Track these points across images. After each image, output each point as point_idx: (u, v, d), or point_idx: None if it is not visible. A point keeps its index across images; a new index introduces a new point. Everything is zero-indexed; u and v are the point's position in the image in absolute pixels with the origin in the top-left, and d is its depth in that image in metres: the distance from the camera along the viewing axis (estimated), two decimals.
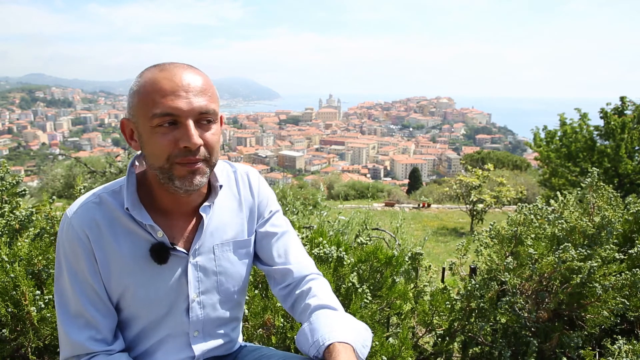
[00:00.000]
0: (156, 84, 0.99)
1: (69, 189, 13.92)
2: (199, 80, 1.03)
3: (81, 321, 1.07)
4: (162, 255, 1.09)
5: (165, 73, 1.01)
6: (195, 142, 0.98)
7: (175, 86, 0.99)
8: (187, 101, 0.99)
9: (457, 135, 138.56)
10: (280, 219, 1.31)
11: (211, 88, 1.05)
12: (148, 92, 0.99)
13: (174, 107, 0.98)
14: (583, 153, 9.81)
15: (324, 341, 1.03)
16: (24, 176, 2.33)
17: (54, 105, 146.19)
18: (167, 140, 0.99)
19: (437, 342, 2.24)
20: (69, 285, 1.07)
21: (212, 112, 1.03)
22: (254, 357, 1.25)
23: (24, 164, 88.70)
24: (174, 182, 1.03)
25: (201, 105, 1.00)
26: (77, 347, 1.07)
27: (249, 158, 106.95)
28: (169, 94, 0.98)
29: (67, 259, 1.07)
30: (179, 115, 0.98)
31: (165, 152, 1.00)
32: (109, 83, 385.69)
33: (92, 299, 1.07)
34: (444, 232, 10.11)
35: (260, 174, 1.33)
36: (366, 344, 1.09)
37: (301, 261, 1.27)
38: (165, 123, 0.99)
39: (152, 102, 0.98)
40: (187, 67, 1.04)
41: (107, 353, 1.08)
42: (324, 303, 1.15)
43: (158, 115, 0.98)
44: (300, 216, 5.36)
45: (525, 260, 2.15)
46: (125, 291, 1.09)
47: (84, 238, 1.06)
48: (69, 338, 1.07)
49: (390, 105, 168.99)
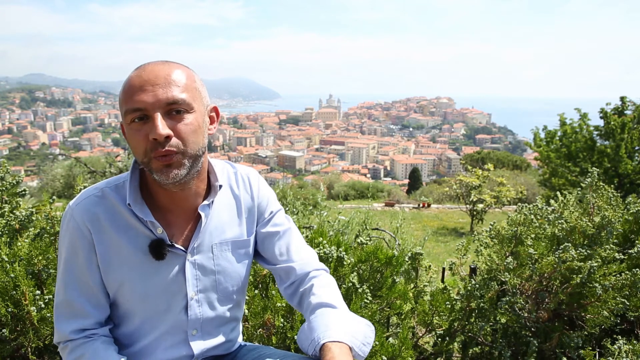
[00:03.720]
0: (129, 82, 1.02)
1: (69, 189, 13.93)
2: (170, 73, 1.02)
3: (70, 310, 1.10)
4: (160, 252, 1.10)
5: (139, 71, 1.03)
6: (159, 133, 0.98)
7: (142, 81, 1.00)
8: (152, 94, 0.99)
9: (457, 135, 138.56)
10: (281, 218, 1.31)
11: (184, 79, 1.04)
12: (123, 92, 1.02)
13: (139, 101, 0.99)
14: (583, 153, 9.80)
15: (319, 340, 1.04)
16: (24, 176, 2.33)
17: (54, 105, 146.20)
18: (140, 135, 1.00)
19: (437, 342, 2.24)
20: (64, 275, 1.10)
21: (182, 102, 1.01)
22: (253, 356, 1.25)
23: (24, 164, 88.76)
24: (154, 175, 1.04)
25: (168, 97, 1.00)
26: (62, 336, 1.10)
27: (249, 158, 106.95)
28: (137, 89, 1.00)
29: (67, 250, 1.10)
30: (146, 109, 0.99)
31: (141, 147, 1.01)
32: (109, 83, 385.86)
33: (84, 291, 1.10)
34: (444, 232, 10.11)
35: (260, 174, 1.34)
36: (367, 341, 1.09)
37: (303, 257, 1.28)
38: (136, 119, 1.00)
39: (124, 100, 1.01)
40: (162, 63, 1.05)
41: (87, 337, 1.10)
42: (323, 301, 1.16)
43: (129, 112, 1.00)
44: (300, 216, 5.37)
45: (525, 260, 2.15)
46: (122, 285, 1.10)
47: (85, 231, 1.07)
48: (56, 325, 1.11)
49: (390, 105, 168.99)
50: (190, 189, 1.13)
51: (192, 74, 1.08)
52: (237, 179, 1.26)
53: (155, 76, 1.01)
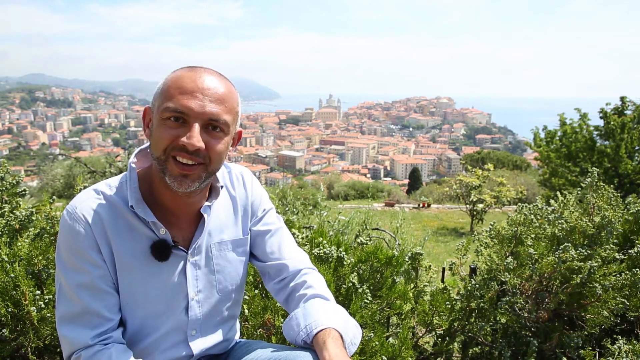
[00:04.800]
0: (179, 80, 1.02)
1: (69, 189, 13.92)
2: (221, 88, 1.04)
3: (87, 318, 1.06)
4: (164, 253, 1.10)
5: (192, 73, 1.03)
6: (194, 144, 0.99)
7: (195, 87, 1.01)
8: (200, 104, 1.00)
9: (457, 135, 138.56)
10: (272, 216, 1.33)
11: (232, 100, 1.06)
12: (170, 86, 1.02)
13: (186, 106, 1.00)
14: (583, 153, 9.80)
15: (317, 325, 1.05)
16: (24, 176, 2.33)
17: (54, 105, 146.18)
18: (170, 133, 1.01)
19: (437, 342, 2.24)
20: (75, 282, 1.06)
21: (223, 122, 1.03)
22: (245, 350, 1.26)
23: (24, 164, 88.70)
24: (166, 177, 1.04)
25: (212, 112, 1.01)
26: (80, 343, 1.05)
27: (249, 158, 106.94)
28: (187, 92, 1.00)
29: (71, 255, 1.06)
30: (188, 115, 1.00)
31: (164, 143, 1.01)
32: (109, 83, 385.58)
33: (98, 294, 1.07)
34: (444, 232, 10.11)
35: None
36: (355, 341, 1.11)
37: (295, 256, 1.30)
38: (172, 117, 1.01)
39: (169, 96, 1.01)
40: (217, 75, 1.06)
41: (103, 343, 1.07)
42: (318, 293, 1.18)
43: (170, 110, 1.00)
44: (300, 216, 5.36)
45: (525, 260, 2.15)
46: (124, 287, 1.10)
47: (89, 232, 1.06)
48: (73, 336, 1.05)
49: (390, 105, 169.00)
50: (196, 195, 1.13)
51: (238, 97, 1.10)
52: (232, 178, 1.27)
53: (208, 87, 1.02)
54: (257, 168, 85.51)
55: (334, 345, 1.00)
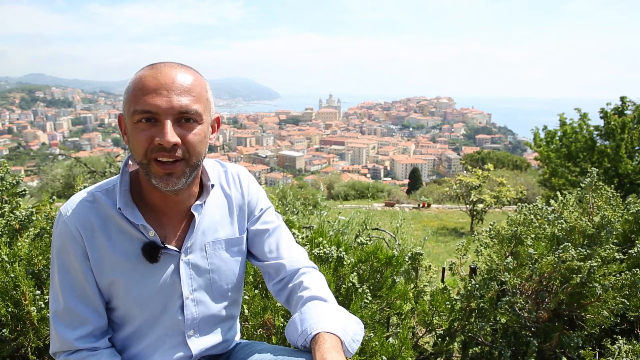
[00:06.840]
0: (141, 81, 1.01)
1: (69, 189, 13.93)
2: (185, 80, 1.02)
3: (70, 318, 1.09)
4: (154, 254, 1.10)
5: (153, 71, 1.02)
6: (168, 140, 0.98)
7: (158, 84, 1.00)
8: (167, 99, 0.99)
9: (457, 135, 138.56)
10: (271, 215, 1.32)
11: (199, 88, 1.04)
12: (134, 89, 1.01)
13: (153, 105, 0.99)
14: (583, 153, 9.80)
15: (312, 330, 1.04)
16: (24, 176, 2.33)
17: (54, 105, 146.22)
18: (145, 136, 1.00)
19: (437, 342, 2.24)
20: (60, 282, 1.09)
21: (194, 112, 1.02)
22: (247, 352, 1.25)
23: (24, 164, 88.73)
24: (152, 180, 1.03)
25: (181, 105, 1.00)
26: (65, 344, 1.09)
27: (249, 158, 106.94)
28: (151, 91, 0.99)
29: (60, 256, 1.09)
30: (157, 113, 0.99)
31: (142, 147, 1.01)
32: (109, 83, 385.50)
33: (83, 297, 1.09)
34: (444, 232, 10.11)
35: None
36: (356, 338, 1.10)
37: (293, 255, 1.29)
38: (144, 119, 1.00)
39: (135, 99, 1.00)
40: (178, 67, 1.04)
41: (91, 349, 1.09)
42: (315, 295, 1.17)
43: (138, 112, 0.99)
44: (300, 216, 5.36)
45: (525, 260, 2.15)
46: (118, 290, 1.10)
47: (77, 236, 1.07)
48: (58, 334, 1.09)
49: (390, 105, 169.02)
50: (184, 192, 1.13)
51: (205, 84, 1.08)
52: (228, 177, 1.26)
53: (171, 81, 1.00)
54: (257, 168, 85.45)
55: (329, 350, 1.00)
